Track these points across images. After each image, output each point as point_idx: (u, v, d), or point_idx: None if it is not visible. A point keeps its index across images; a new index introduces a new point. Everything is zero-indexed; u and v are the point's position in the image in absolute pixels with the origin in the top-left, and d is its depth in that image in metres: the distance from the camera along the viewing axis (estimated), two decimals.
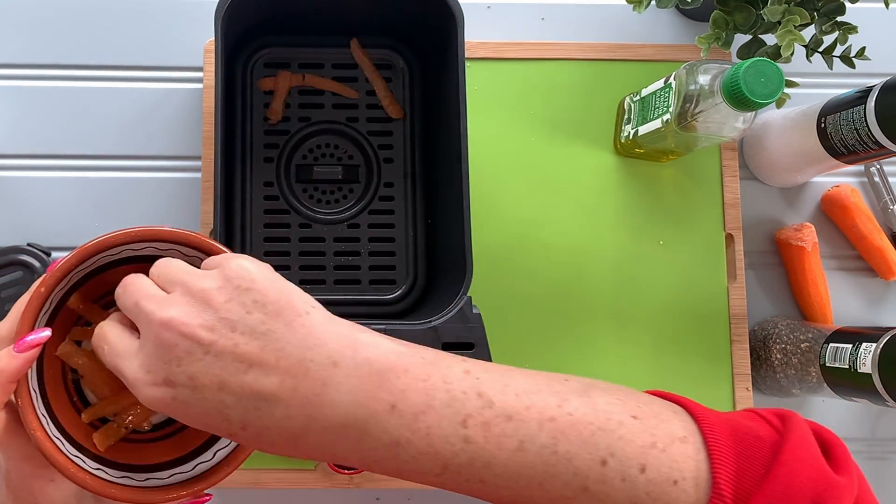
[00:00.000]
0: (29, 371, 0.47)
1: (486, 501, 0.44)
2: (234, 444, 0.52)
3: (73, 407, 0.54)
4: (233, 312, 0.41)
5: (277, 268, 0.72)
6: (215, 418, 0.41)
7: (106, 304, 0.55)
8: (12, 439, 0.47)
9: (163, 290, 0.44)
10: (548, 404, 0.43)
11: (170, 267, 0.45)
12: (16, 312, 0.48)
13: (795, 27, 0.66)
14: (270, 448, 0.42)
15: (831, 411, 0.79)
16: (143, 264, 0.54)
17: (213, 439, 0.54)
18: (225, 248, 0.50)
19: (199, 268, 0.52)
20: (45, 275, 0.48)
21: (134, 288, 0.44)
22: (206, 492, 0.50)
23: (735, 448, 0.43)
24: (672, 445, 0.43)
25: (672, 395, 0.47)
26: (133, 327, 0.44)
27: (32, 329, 0.47)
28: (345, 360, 0.41)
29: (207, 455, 0.52)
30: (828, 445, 0.44)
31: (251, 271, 0.42)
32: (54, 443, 0.47)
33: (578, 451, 0.42)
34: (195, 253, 0.51)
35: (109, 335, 0.44)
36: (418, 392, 0.41)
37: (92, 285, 0.54)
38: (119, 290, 0.45)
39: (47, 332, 0.47)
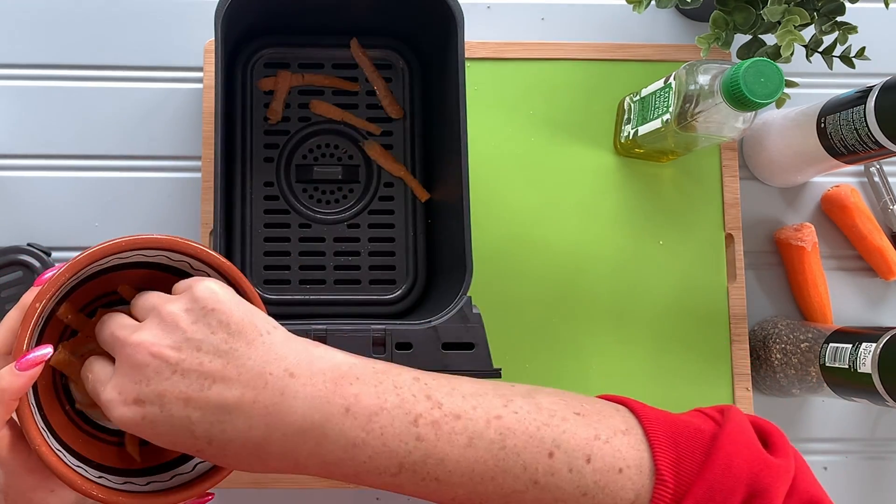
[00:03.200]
0: None
1: None
2: None
3: (66, 416, 0.54)
4: (199, 332, 0.44)
5: (277, 268, 0.73)
6: (182, 434, 0.43)
7: (91, 312, 0.56)
8: (15, 455, 0.47)
9: (139, 320, 0.47)
10: (493, 405, 0.45)
11: (145, 296, 0.48)
12: (8, 326, 0.48)
13: (795, 27, 0.66)
14: (236, 462, 0.44)
15: (831, 411, 0.79)
16: (130, 270, 0.54)
17: None
18: (211, 251, 0.50)
19: (187, 273, 0.53)
20: (38, 288, 0.48)
21: (110, 322, 0.47)
22: (208, 491, 0.50)
23: (674, 438, 0.45)
24: (615, 437, 0.45)
25: (616, 396, 0.50)
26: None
27: (30, 345, 0.47)
28: (301, 371, 0.44)
29: None
30: (765, 433, 0.47)
31: (217, 293, 0.45)
32: (58, 456, 0.47)
33: (526, 446, 0.44)
34: (181, 258, 0.52)
35: (94, 366, 0.47)
36: (370, 396, 0.44)
37: (78, 294, 0.54)
38: (98, 326, 0.48)
39: (48, 350, 0.48)
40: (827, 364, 0.70)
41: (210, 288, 0.45)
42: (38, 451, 0.46)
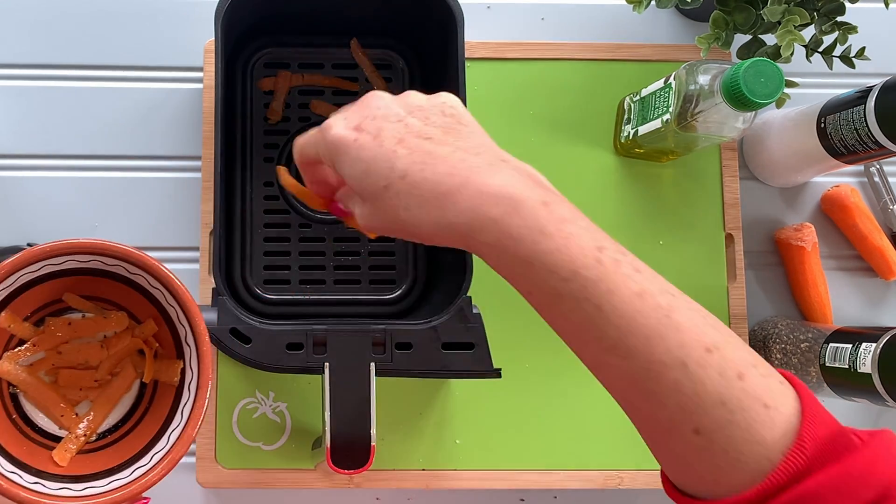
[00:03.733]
0: None
1: (586, 347, 0.46)
2: (170, 444, 0.52)
3: (11, 424, 0.54)
4: (429, 112, 0.48)
5: (277, 268, 0.73)
6: (381, 164, 0.46)
7: (37, 321, 0.56)
8: None
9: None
10: (668, 286, 0.44)
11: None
12: None
13: (795, 27, 0.66)
14: (417, 206, 0.45)
15: (831, 411, 0.78)
16: (67, 278, 0.54)
17: (152, 443, 0.54)
18: (133, 250, 0.51)
19: (123, 276, 0.53)
20: None
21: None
22: (143, 495, 0.51)
23: (825, 420, 0.43)
24: (772, 377, 0.43)
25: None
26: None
27: None
28: (512, 161, 0.46)
29: (145, 460, 0.53)
30: None
31: (459, 102, 0.49)
32: None
33: (689, 329, 0.42)
34: (116, 262, 0.52)
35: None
36: (565, 209, 0.44)
37: (20, 303, 0.54)
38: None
39: None
40: (827, 364, 0.70)
41: (456, 98, 0.49)
42: None
